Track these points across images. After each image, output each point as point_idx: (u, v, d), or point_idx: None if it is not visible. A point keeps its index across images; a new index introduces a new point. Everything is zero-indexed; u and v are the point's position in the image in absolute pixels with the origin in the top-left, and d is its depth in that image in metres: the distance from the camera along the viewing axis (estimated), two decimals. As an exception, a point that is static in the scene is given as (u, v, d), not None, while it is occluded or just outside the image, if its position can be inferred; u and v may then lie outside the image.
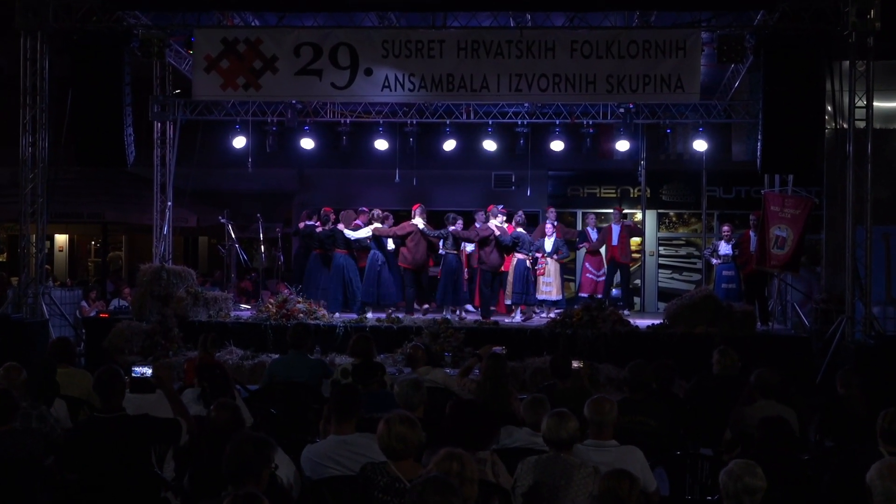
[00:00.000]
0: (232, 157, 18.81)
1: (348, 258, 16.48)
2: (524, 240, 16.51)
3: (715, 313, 14.66)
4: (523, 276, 16.49)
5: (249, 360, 14.29)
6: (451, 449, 4.92)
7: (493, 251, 16.31)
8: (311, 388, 9.21)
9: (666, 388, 8.62)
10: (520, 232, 16.58)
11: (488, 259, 16.33)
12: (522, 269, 16.48)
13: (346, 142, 18.09)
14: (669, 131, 18.19)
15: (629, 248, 18.25)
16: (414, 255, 16.25)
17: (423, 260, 16.36)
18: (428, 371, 9.29)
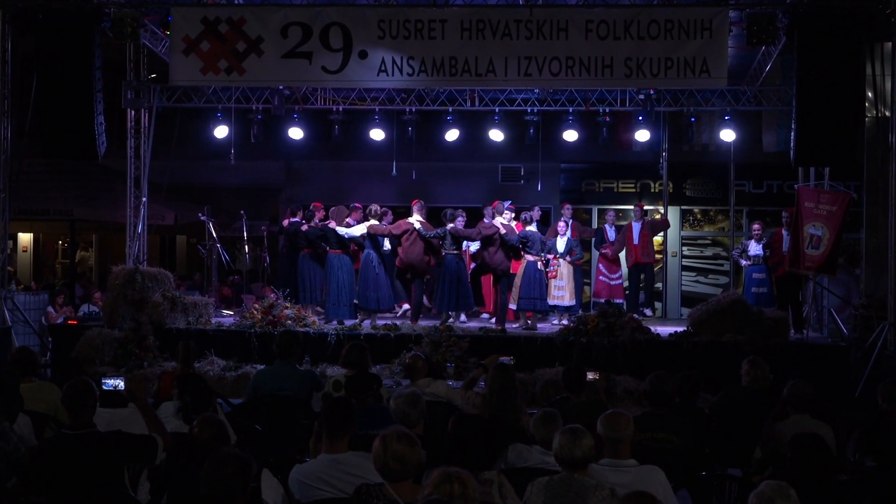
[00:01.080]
0: (213, 148, 18.82)
1: (343, 259, 16.51)
2: (534, 239, 16.47)
3: (744, 320, 14.65)
4: (533, 280, 16.44)
5: (232, 372, 14.29)
6: (449, 469, 4.91)
7: (498, 251, 16.30)
8: (300, 401, 9.21)
9: (690, 402, 8.61)
10: (529, 231, 16.56)
11: (492, 260, 16.33)
12: (533, 272, 16.44)
13: (338, 131, 18.09)
14: (694, 120, 18.17)
15: (652, 246, 18.28)
16: (409, 254, 16.28)
17: (418, 260, 16.37)
18: (428, 383, 9.29)
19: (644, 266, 18.02)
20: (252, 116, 17.96)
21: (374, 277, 16.29)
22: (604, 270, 18.15)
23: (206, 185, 22.53)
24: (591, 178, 22.50)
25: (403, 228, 16.27)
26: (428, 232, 16.26)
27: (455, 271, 16.20)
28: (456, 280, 16.18)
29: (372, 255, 16.38)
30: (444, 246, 16.22)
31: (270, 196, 23.54)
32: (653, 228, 18.20)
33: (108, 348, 14.76)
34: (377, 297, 16.34)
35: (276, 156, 22.04)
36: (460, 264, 16.40)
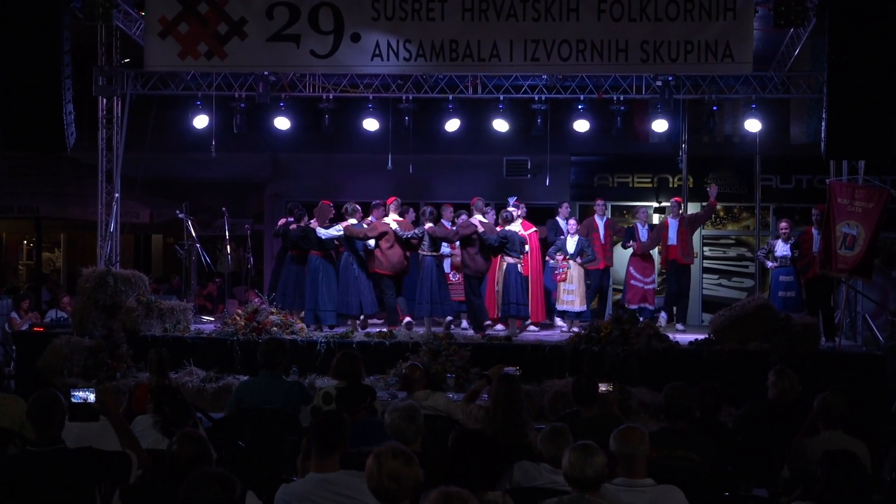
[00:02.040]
0: (192, 139, 18.82)
1: (321, 261, 16.62)
2: (514, 240, 16.48)
3: (770, 327, 14.66)
4: (516, 284, 16.49)
5: (213, 383, 14.31)
6: (450, 489, 4.91)
7: (479, 253, 16.40)
8: (287, 416, 9.21)
9: (711, 416, 8.61)
10: (509, 230, 16.55)
11: (472, 262, 16.40)
12: (514, 275, 16.47)
13: (328, 121, 18.09)
14: (716, 109, 18.14)
15: (691, 245, 18.09)
16: (389, 258, 16.33)
17: (399, 264, 16.45)
18: (427, 396, 9.29)
19: (683, 268, 17.86)
20: (234, 105, 17.94)
21: (353, 281, 16.36)
22: (635, 273, 18.01)
23: (185, 179, 22.52)
24: (603, 173, 22.49)
25: (380, 230, 16.31)
26: (405, 232, 16.30)
27: (433, 274, 16.24)
28: (435, 284, 16.22)
29: (350, 257, 16.50)
30: (422, 247, 16.29)
31: (254, 191, 23.54)
32: (692, 224, 18.00)
33: (78, 358, 14.77)
34: (359, 303, 16.41)
35: (261, 148, 22.04)
36: (440, 267, 16.45)
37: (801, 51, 16.86)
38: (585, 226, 18.06)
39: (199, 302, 20.17)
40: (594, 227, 18.16)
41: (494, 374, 8.79)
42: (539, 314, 17.41)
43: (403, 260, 16.43)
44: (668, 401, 7.97)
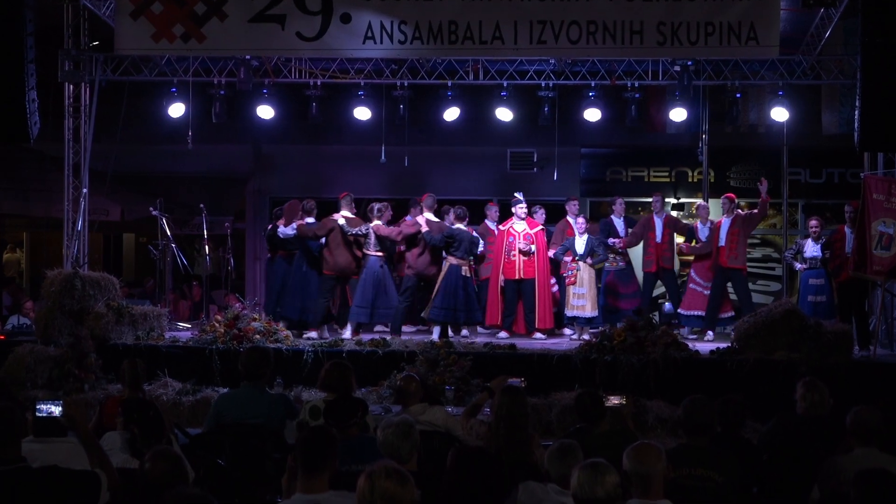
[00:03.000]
0: (167, 130, 18.82)
1: (284, 263, 17.15)
2: (461, 239, 16.51)
3: (799, 334, 14.65)
4: (457, 287, 16.52)
5: (189, 396, 14.30)
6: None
7: (425, 254, 16.60)
8: (271, 431, 9.21)
9: (734, 431, 8.61)
10: (457, 228, 16.57)
11: (415, 263, 16.60)
12: (455, 277, 16.50)
13: (316, 110, 18.10)
14: (739, 96, 18.16)
15: (744, 247, 17.61)
16: (336, 258, 16.58)
17: (346, 265, 16.64)
18: (423, 410, 9.30)
19: (732, 273, 17.45)
20: (213, 92, 17.94)
21: (298, 285, 16.54)
22: (696, 277, 17.92)
23: (159, 173, 22.52)
24: (616, 166, 22.50)
25: (328, 227, 16.45)
26: (351, 229, 16.40)
27: (377, 276, 16.37)
28: (378, 286, 16.30)
29: (302, 259, 16.91)
30: (367, 246, 16.46)
31: (235, 187, 23.55)
32: (746, 224, 17.56)
33: (42, 368, 14.76)
34: (302, 308, 16.67)
35: (243, 139, 22.05)
36: (384, 268, 16.50)
37: (832, 33, 16.86)
38: (642, 224, 18.02)
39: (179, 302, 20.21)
40: (651, 226, 18.05)
41: (497, 387, 8.78)
42: (546, 320, 17.40)
43: (352, 261, 16.57)
44: (688, 415, 7.96)
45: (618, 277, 18.02)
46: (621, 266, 18.00)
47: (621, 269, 18.00)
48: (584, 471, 5.96)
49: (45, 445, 7.22)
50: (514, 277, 17.23)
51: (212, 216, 19.40)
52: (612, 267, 18.00)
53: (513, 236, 17.27)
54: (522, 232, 17.25)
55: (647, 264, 18.15)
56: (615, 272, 18.02)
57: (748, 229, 17.73)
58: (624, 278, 18.08)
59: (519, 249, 17.12)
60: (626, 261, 18.10)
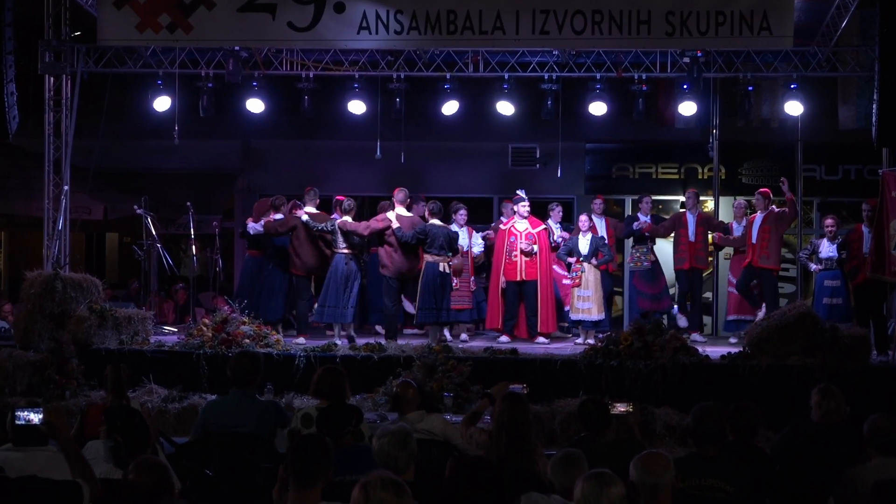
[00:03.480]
0: (152, 124, 18.80)
1: (254, 261, 17.44)
2: (435, 235, 16.49)
3: (814, 338, 14.66)
4: (434, 286, 16.52)
5: (176, 403, 14.30)
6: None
7: (398, 252, 16.54)
8: (261, 440, 9.21)
9: (746, 440, 8.61)
10: (431, 225, 16.55)
11: (390, 261, 16.58)
12: (432, 275, 16.49)
13: (308, 104, 18.09)
14: (751, 89, 18.16)
15: (778, 246, 17.53)
16: (301, 256, 16.73)
17: (311, 261, 16.77)
18: (421, 417, 9.30)
19: (763, 273, 17.45)
20: (201, 85, 17.93)
21: (266, 284, 17.00)
22: (734, 279, 18.00)
23: (144, 170, 22.51)
24: (623, 162, 22.51)
25: (290, 224, 16.52)
26: (316, 224, 16.43)
27: (343, 275, 16.41)
28: (343, 285, 16.33)
29: (269, 256, 17.17)
30: (335, 243, 16.50)
31: (224, 184, 23.54)
32: (778, 222, 17.46)
33: (22, 374, 14.75)
34: (267, 307, 16.89)
35: (231, 134, 22.05)
36: (349, 267, 16.51)
37: (849, 23, 16.86)
38: (673, 219, 18.00)
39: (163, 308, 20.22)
40: (683, 223, 18.03)
41: (498, 393, 8.79)
42: (549, 324, 17.41)
43: (316, 258, 16.62)
44: (697, 423, 7.96)
45: (643, 278, 18.05)
46: (646, 266, 18.03)
47: (646, 270, 18.02)
48: (589, 481, 5.97)
49: (24, 454, 7.22)
50: (516, 279, 17.23)
51: (199, 215, 19.38)
52: (638, 267, 18.04)
53: (514, 236, 17.27)
54: (524, 231, 17.25)
55: (678, 262, 18.23)
56: (639, 273, 18.05)
57: (781, 228, 17.63)
58: (650, 278, 18.11)
59: (520, 250, 17.12)
60: (651, 259, 18.12)
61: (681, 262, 18.07)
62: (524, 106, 18.41)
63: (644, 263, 18.08)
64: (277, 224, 16.78)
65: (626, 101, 18.05)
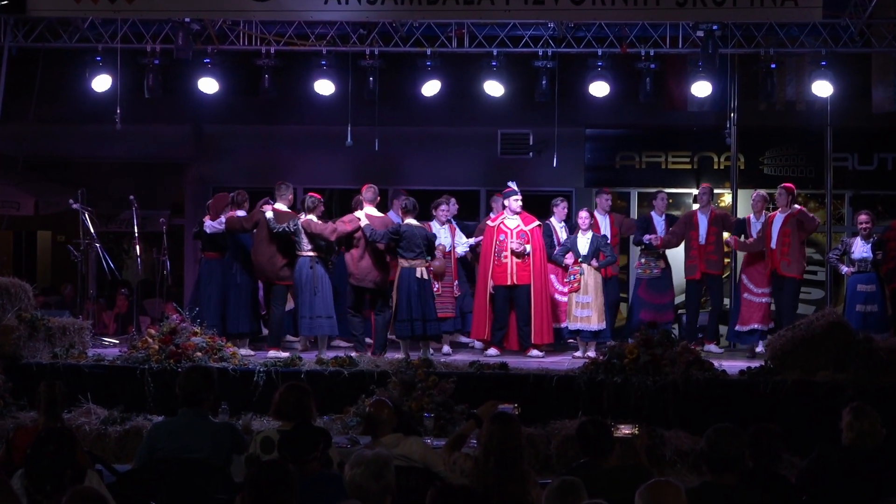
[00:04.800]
0: (90, 106, 18.79)
1: (210, 263, 17.38)
2: (410, 235, 16.52)
3: (846, 351, 14.66)
4: (407, 294, 16.51)
5: (117, 426, 14.26)
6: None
7: (365, 256, 16.66)
8: (215, 468, 9.21)
9: (768, 467, 8.64)
10: (406, 225, 16.57)
11: (356, 268, 16.72)
12: (408, 282, 16.51)
13: (269, 83, 18.10)
14: (774, 67, 18.22)
15: (801, 250, 17.40)
16: (256, 256, 16.84)
17: (268, 265, 16.76)
18: (397, 441, 9.30)
19: (786, 280, 17.35)
20: (146, 62, 17.92)
21: (233, 291, 17.00)
22: (749, 284, 17.81)
23: (81, 159, 22.49)
24: (628, 150, 22.53)
25: (255, 219, 16.57)
26: (278, 226, 16.47)
27: (307, 280, 16.52)
28: (311, 292, 16.46)
29: (232, 259, 17.14)
30: (298, 245, 16.57)
31: (172, 175, 23.54)
32: (798, 227, 17.23)
33: (-59, 392, 14.73)
34: (236, 318, 16.97)
35: (181, 118, 22.04)
36: (315, 270, 16.55)
37: (884, -8, 16.95)
38: (683, 222, 18.03)
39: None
40: (693, 224, 18.03)
41: (486, 414, 8.80)
42: (544, 334, 17.38)
43: (274, 262, 16.66)
44: (713, 448, 7.98)
45: (651, 286, 18.03)
46: (655, 274, 18.01)
47: (655, 278, 18.00)
48: (589, 514, 5.98)
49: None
50: (506, 283, 17.16)
51: (144, 210, 19.37)
52: (646, 275, 18.05)
53: (504, 234, 17.22)
54: (515, 229, 17.20)
55: (689, 270, 18.10)
56: (648, 281, 18.04)
57: (803, 234, 17.44)
58: (659, 287, 18.08)
59: (511, 250, 17.06)
60: (661, 267, 18.11)
61: (692, 271, 18.02)
62: (515, 86, 18.45)
63: (653, 271, 18.08)
64: (243, 220, 16.73)
65: (632, 80, 18.09)
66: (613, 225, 18.33)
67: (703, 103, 19.84)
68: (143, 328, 16.92)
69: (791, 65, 19.67)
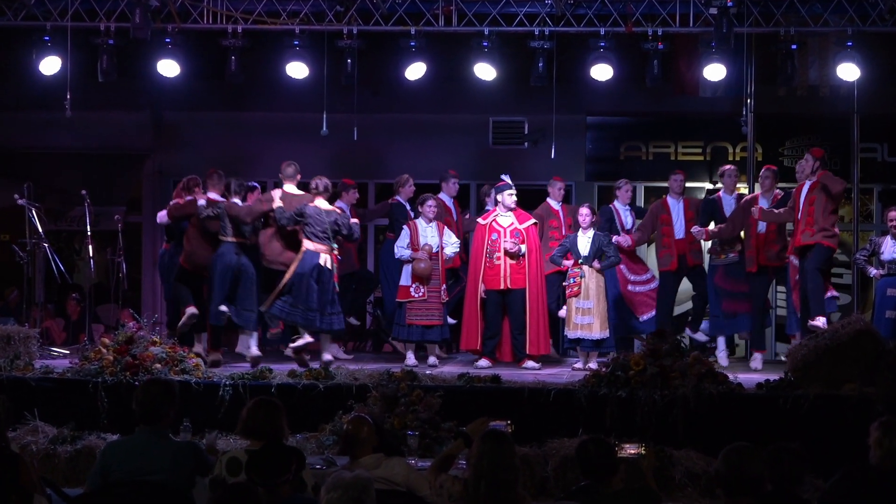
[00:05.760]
0: (37, 91, 18.78)
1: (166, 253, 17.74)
2: (315, 218, 16.48)
3: (874, 361, 14.68)
4: (305, 279, 16.42)
5: (68, 445, 14.25)
6: None
7: (274, 239, 16.81)
8: (176, 491, 9.20)
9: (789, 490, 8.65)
10: (313, 206, 16.60)
11: (266, 248, 16.90)
12: (309, 267, 16.37)
13: (236, 66, 18.09)
14: (795, 48, 18.24)
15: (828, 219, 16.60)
16: (191, 245, 16.95)
17: (200, 255, 16.88)
18: (378, 462, 9.30)
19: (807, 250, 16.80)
20: (100, 42, 17.90)
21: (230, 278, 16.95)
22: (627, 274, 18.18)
23: (26, 149, 22.46)
24: (633, 140, 22.57)
25: (186, 212, 16.77)
26: (204, 210, 16.58)
27: (229, 268, 16.64)
28: (231, 282, 16.62)
29: (171, 251, 17.52)
30: (222, 231, 16.68)
31: (129, 167, 23.52)
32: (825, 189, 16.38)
33: None
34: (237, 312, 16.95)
35: (139, 104, 22.05)
36: (239, 259, 16.71)
37: (918, -36, 16.97)
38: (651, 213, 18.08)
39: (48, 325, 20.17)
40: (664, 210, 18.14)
41: (476, 432, 8.81)
42: (541, 344, 17.38)
43: (201, 250, 16.80)
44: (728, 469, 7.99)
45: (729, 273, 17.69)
46: (733, 259, 17.55)
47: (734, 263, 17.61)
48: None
49: None
50: (499, 287, 17.18)
51: (97, 206, 19.34)
52: (721, 260, 17.61)
53: (497, 233, 17.21)
54: (509, 227, 17.19)
55: (663, 261, 18.13)
56: (724, 267, 17.74)
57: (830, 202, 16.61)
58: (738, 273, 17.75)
59: (505, 250, 17.07)
60: (738, 250, 17.85)
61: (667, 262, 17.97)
62: (509, 69, 18.47)
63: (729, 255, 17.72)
64: (171, 208, 16.92)
65: (638, 63, 18.12)
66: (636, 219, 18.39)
67: (717, 88, 19.86)
68: (97, 337, 16.88)
69: (814, 45, 19.68)
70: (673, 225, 17.91)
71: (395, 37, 17.95)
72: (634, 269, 18.28)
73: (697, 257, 18.15)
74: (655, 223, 18.07)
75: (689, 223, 17.78)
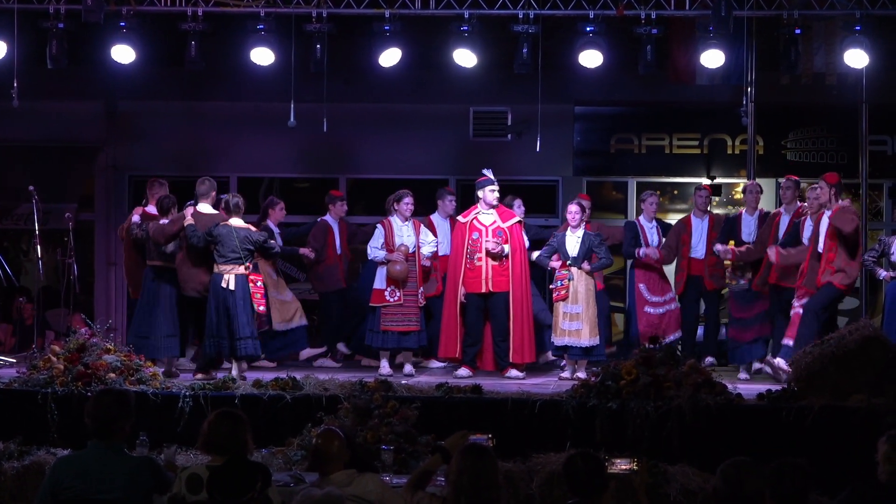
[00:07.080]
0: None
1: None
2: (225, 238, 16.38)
3: (883, 370, 14.74)
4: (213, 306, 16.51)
5: (14, 461, 14.23)
6: None
7: (187, 262, 16.82)
8: (131, 511, 9.22)
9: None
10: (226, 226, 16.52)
11: (179, 272, 16.90)
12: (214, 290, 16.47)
13: (195, 52, 18.08)
14: (799, 33, 18.29)
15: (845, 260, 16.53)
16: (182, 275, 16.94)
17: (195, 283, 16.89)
18: (350, 479, 9.32)
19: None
20: (49, 26, 17.90)
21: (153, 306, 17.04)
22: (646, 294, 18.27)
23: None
24: (625, 132, 22.60)
25: (178, 227, 16.74)
26: (135, 229, 16.95)
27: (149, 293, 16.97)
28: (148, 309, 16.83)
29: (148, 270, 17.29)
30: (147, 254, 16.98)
31: (80, 161, 23.48)
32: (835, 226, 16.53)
33: None
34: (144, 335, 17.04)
35: (91, 93, 22.03)
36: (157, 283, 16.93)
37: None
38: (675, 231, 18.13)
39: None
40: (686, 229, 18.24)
41: (455, 446, 8.83)
42: (525, 352, 17.40)
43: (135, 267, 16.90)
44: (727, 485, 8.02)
45: (739, 299, 17.74)
46: (743, 286, 17.64)
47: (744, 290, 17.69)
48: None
49: None
50: (480, 291, 17.21)
51: (46, 203, 19.33)
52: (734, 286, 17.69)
53: (478, 231, 17.22)
54: (491, 226, 17.22)
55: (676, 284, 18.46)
56: (735, 294, 17.79)
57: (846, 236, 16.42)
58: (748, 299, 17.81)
59: (487, 251, 17.08)
60: (748, 277, 17.91)
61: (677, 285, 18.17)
62: (491, 55, 18.49)
63: (740, 281, 17.76)
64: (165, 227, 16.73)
65: (630, 49, 18.16)
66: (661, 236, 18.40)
67: (715, 76, 19.91)
68: (46, 344, 16.87)
69: (819, 30, 19.74)
70: (691, 244, 17.95)
71: (368, 20, 17.96)
72: (654, 289, 18.21)
73: (718, 282, 18.20)
74: (678, 242, 18.09)
75: (711, 244, 17.80)
